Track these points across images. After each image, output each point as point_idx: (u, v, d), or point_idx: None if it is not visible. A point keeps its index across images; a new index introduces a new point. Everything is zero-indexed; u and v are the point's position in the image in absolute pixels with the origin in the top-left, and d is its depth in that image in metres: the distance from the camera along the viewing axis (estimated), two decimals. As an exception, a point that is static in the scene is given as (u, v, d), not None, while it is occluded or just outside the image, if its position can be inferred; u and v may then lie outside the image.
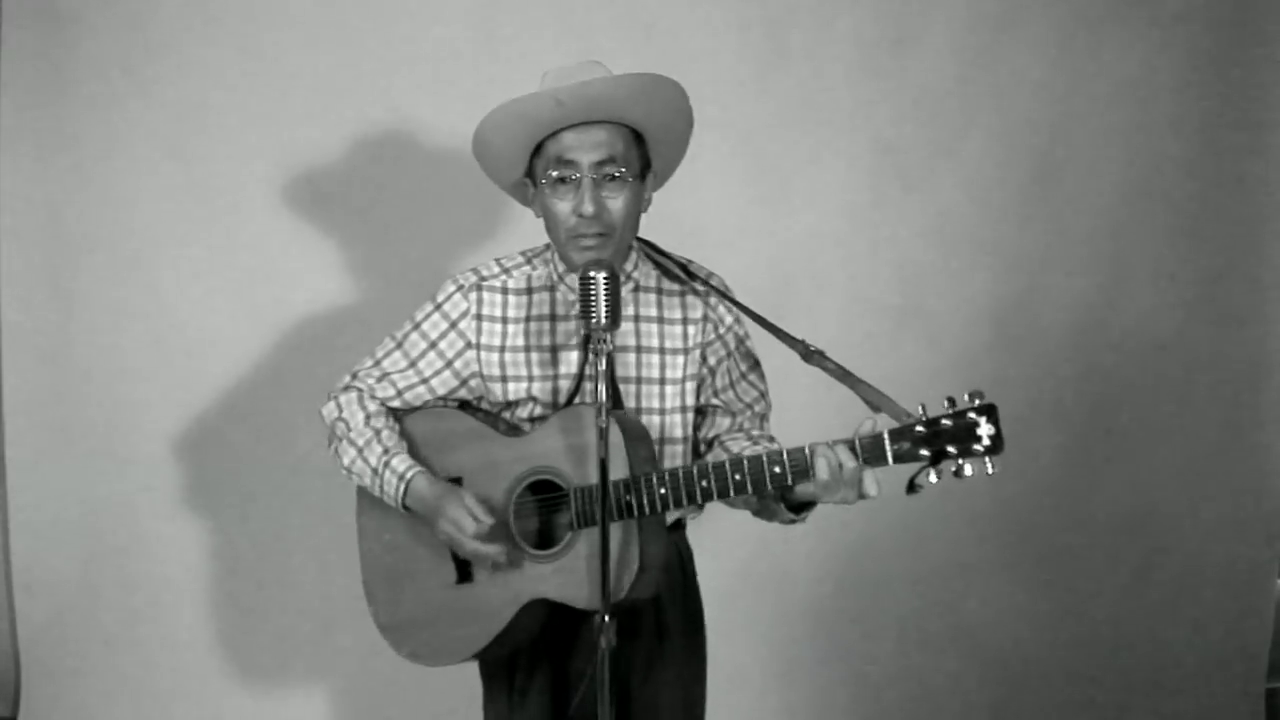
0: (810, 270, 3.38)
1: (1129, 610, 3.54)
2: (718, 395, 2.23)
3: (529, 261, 2.22)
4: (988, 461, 1.84)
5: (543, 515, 2.12)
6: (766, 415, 2.29)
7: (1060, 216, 3.44)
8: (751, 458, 1.96)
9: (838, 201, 3.38)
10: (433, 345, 2.20)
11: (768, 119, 3.35)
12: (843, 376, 2.01)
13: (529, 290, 2.19)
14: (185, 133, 3.19)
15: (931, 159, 3.40)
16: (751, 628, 3.41)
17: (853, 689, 3.47)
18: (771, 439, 2.24)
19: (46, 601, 3.26)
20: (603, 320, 1.91)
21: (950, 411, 1.85)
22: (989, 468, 1.84)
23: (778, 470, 1.93)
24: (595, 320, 1.91)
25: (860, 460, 1.89)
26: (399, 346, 2.23)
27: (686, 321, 2.19)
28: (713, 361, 2.21)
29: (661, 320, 2.18)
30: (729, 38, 3.32)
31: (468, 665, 2.22)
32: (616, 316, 1.92)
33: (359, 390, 2.23)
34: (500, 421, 2.20)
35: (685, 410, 2.19)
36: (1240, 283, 3.51)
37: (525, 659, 2.18)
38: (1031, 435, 3.44)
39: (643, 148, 2.12)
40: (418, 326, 2.22)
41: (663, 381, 2.17)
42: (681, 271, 2.20)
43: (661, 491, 1.98)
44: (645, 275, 2.20)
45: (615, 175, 2.06)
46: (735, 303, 2.20)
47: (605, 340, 1.92)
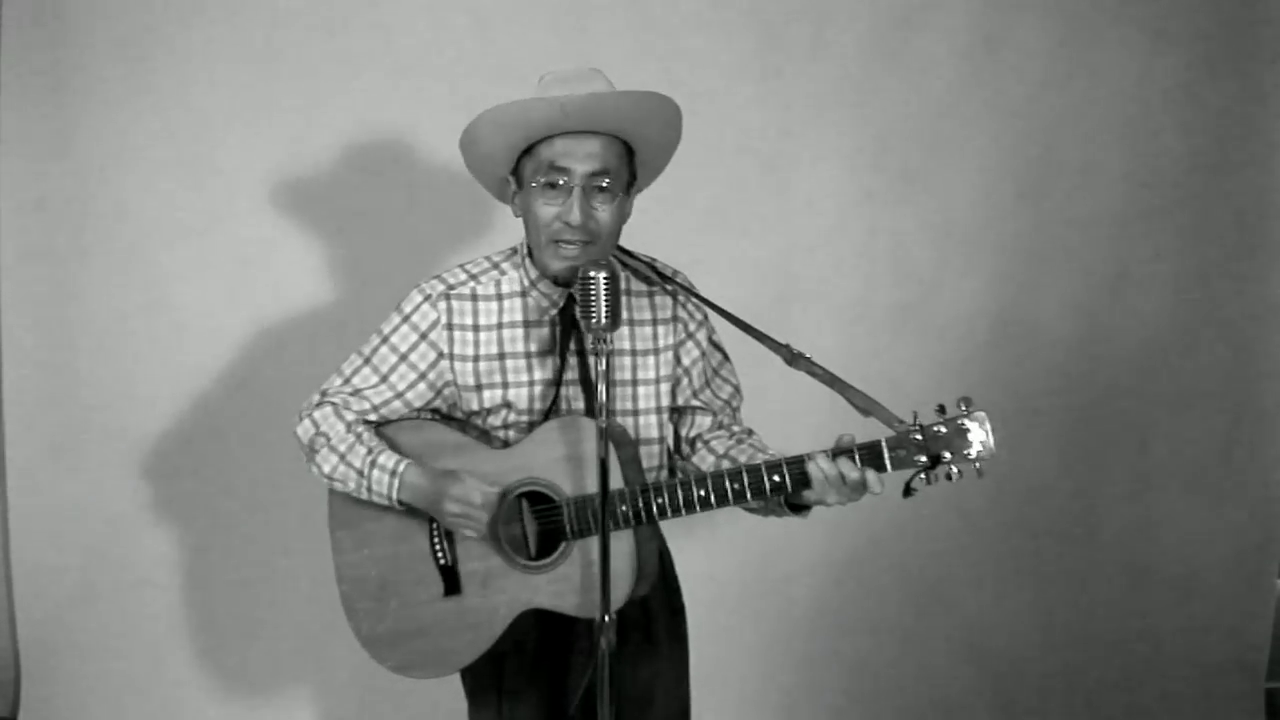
0: (810, 270, 3.38)
1: (1129, 610, 3.54)
2: (696, 395, 2.23)
3: (496, 266, 2.19)
4: (977, 465, 1.94)
5: (532, 526, 2.12)
6: (739, 408, 2.30)
7: (1060, 216, 3.44)
8: (750, 467, 1.98)
9: (838, 201, 3.39)
10: (403, 358, 2.16)
11: (768, 119, 3.35)
12: (830, 381, 2.02)
13: (499, 296, 2.16)
14: (186, 134, 3.18)
15: (931, 159, 3.40)
16: (749, 627, 3.41)
17: (851, 689, 3.47)
18: (750, 432, 2.26)
19: (46, 601, 3.26)
20: (603, 320, 1.90)
21: (944, 419, 1.93)
22: (978, 470, 1.94)
23: (777, 479, 1.96)
24: (595, 320, 1.90)
25: (860, 468, 1.94)
26: (367, 362, 2.18)
27: (656, 322, 2.19)
28: (687, 362, 2.21)
29: (631, 322, 2.18)
30: (729, 37, 3.31)
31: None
32: (616, 317, 1.92)
33: (333, 404, 2.18)
34: (474, 429, 2.19)
35: (660, 411, 2.19)
36: (1240, 283, 3.51)
37: (515, 666, 2.18)
38: (1031, 435, 3.45)
39: (632, 162, 2.12)
40: (386, 340, 2.17)
41: (635, 383, 2.17)
42: (650, 270, 2.20)
43: (659, 501, 2.00)
44: None
45: (604, 187, 2.06)
46: (710, 303, 2.18)
47: (606, 341, 1.91)
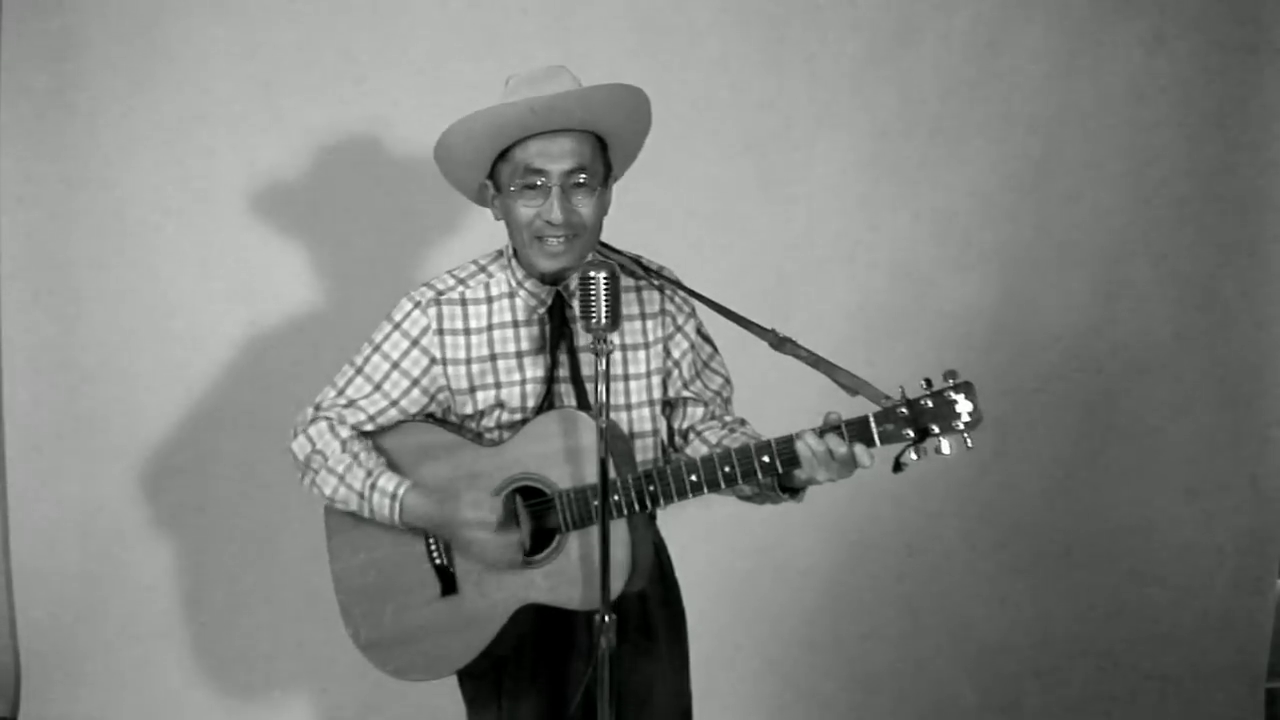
0: (810, 270, 3.38)
1: (1129, 610, 3.54)
2: (687, 387, 2.24)
3: (483, 269, 2.20)
4: (966, 437, 1.92)
5: (526, 521, 2.12)
6: (730, 398, 2.31)
7: (1060, 216, 3.44)
8: (739, 449, 1.98)
9: (838, 200, 3.39)
10: (396, 365, 2.16)
11: (768, 118, 3.35)
12: (815, 362, 2.03)
13: (488, 299, 2.18)
14: (186, 134, 3.19)
15: (932, 159, 3.40)
16: (746, 624, 3.42)
17: (849, 686, 3.47)
18: (743, 421, 2.27)
19: (46, 601, 3.26)
20: (603, 320, 1.90)
21: (930, 391, 1.92)
22: (968, 442, 1.92)
23: (766, 460, 1.97)
24: (596, 320, 1.90)
25: (849, 443, 1.93)
26: (360, 372, 2.19)
27: (645, 316, 2.20)
28: (677, 355, 2.22)
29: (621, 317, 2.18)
30: (729, 37, 3.31)
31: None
32: (617, 317, 1.92)
33: (328, 419, 2.18)
34: (467, 430, 2.20)
35: (652, 404, 2.20)
36: (1239, 283, 3.51)
37: (514, 665, 2.18)
38: (1031, 435, 3.45)
39: (606, 154, 2.13)
40: (378, 348, 2.18)
41: (626, 378, 2.18)
42: (636, 265, 2.21)
43: (651, 489, 2.00)
44: None
45: (582, 183, 2.07)
46: (695, 294, 2.18)
47: (606, 341, 1.91)
